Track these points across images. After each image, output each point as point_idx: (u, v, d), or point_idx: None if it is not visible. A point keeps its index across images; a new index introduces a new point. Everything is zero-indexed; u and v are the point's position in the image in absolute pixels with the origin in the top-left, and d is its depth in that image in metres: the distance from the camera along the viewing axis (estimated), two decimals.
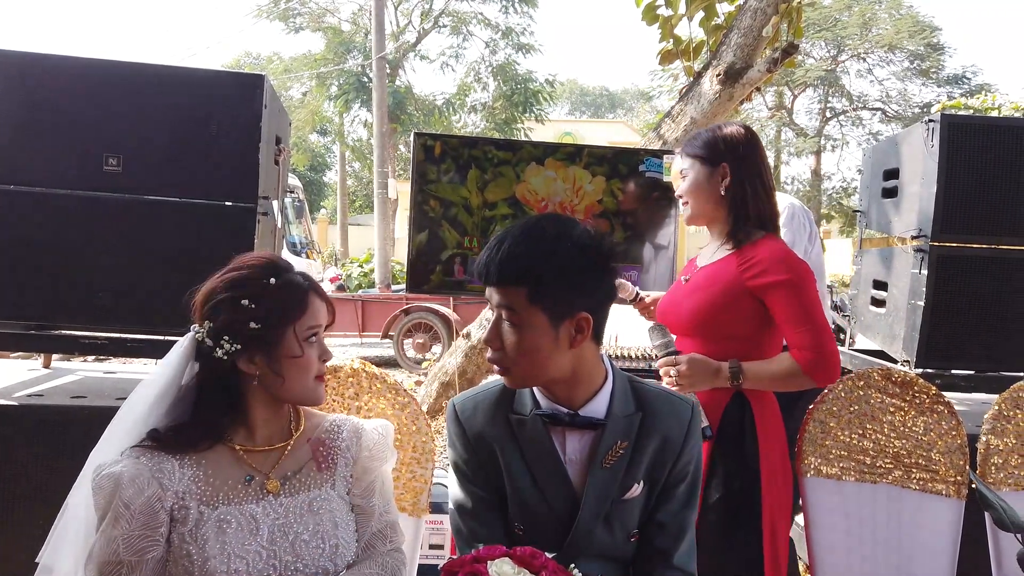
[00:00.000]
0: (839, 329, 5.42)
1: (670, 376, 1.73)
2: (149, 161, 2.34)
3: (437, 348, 8.44)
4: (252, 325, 1.19)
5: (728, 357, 1.72)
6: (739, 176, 1.78)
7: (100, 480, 1.14)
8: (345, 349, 10.27)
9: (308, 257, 13.52)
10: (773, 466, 1.73)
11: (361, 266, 13.80)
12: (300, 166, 23.98)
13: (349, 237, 24.37)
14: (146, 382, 1.26)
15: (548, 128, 21.36)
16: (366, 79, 18.90)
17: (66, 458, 2.03)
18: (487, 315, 5.57)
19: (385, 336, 8.85)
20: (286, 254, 12.35)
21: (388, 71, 17.71)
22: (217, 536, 1.15)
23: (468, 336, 5.54)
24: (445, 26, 20.59)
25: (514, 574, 0.90)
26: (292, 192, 13.42)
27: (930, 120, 2.55)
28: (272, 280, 1.23)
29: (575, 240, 1.22)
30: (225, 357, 1.20)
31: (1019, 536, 0.89)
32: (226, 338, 1.20)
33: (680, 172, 1.88)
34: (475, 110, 20.92)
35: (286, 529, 1.19)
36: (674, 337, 1.81)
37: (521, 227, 1.23)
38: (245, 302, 1.20)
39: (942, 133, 2.49)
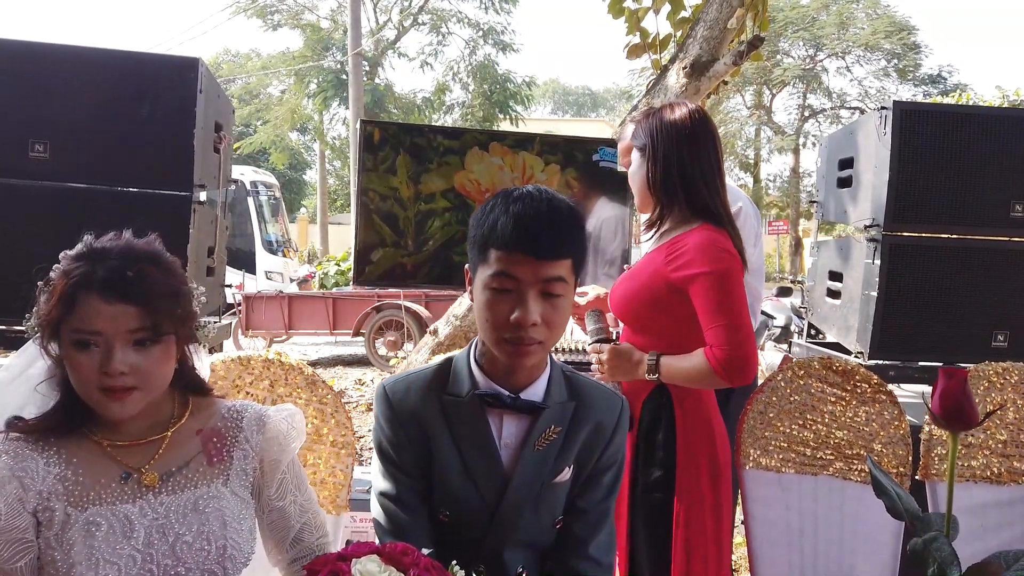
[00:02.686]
0: (802, 321, 5.40)
1: (595, 363, 1.71)
2: (78, 148, 2.27)
3: (409, 346, 8.35)
4: (32, 310, 1.09)
5: (654, 351, 1.67)
6: (666, 163, 1.68)
7: None
8: (318, 347, 10.17)
9: (285, 255, 13.37)
10: (695, 461, 1.66)
11: (338, 264, 13.63)
12: (280, 164, 23.70)
13: (330, 235, 24.18)
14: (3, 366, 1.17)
15: (530, 127, 21.25)
16: (345, 76, 18.75)
17: None
18: (456, 311, 5.50)
19: (356, 334, 8.73)
20: (262, 253, 12.27)
21: (367, 69, 17.57)
22: (85, 540, 1.04)
23: (435, 333, 5.45)
24: (424, 24, 20.48)
25: (379, 572, 0.83)
26: (268, 189, 13.28)
27: (883, 108, 2.51)
28: (56, 267, 1.08)
29: (577, 206, 1.24)
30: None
31: (911, 525, 0.83)
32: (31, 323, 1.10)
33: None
34: (452, 109, 20.83)
35: (165, 530, 1.09)
36: (605, 325, 1.77)
37: (542, 197, 1.18)
38: (40, 284, 1.09)
39: (895, 121, 2.45)
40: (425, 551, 0.91)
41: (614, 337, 1.85)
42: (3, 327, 2.29)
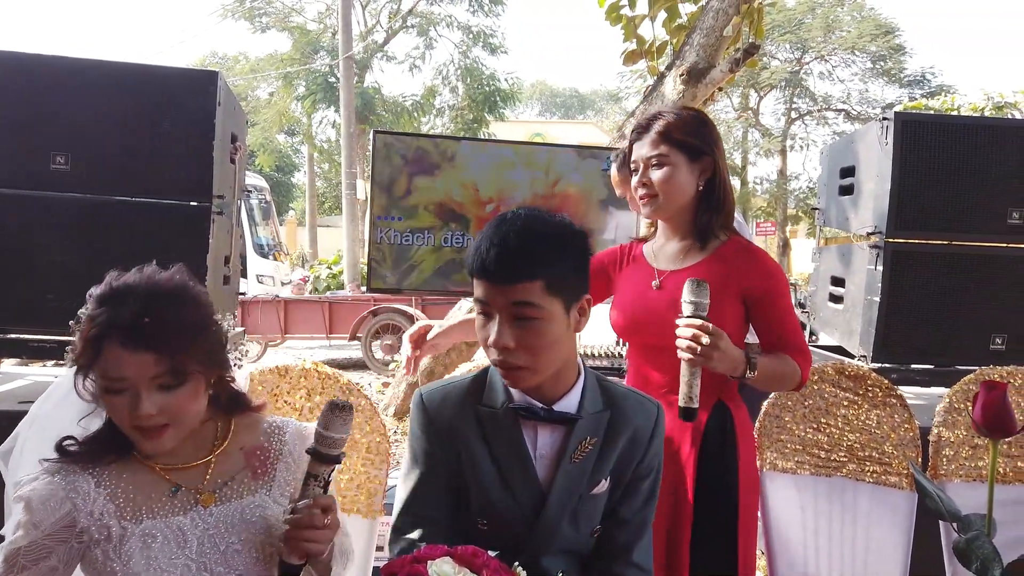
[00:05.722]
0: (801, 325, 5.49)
1: (690, 341, 1.41)
2: (99, 159, 2.29)
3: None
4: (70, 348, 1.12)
5: None
6: (720, 171, 1.65)
7: (13, 502, 1.10)
8: (313, 352, 10.16)
9: (276, 259, 13.32)
10: (750, 472, 1.66)
11: (330, 267, 13.64)
12: (267, 167, 23.61)
13: (318, 239, 24.13)
14: (49, 391, 1.21)
15: (518, 128, 21.31)
16: (333, 79, 18.74)
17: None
18: (455, 316, 5.53)
19: (353, 338, 8.76)
20: (253, 256, 12.24)
21: (356, 72, 17.58)
22: (142, 551, 1.09)
23: None
24: (413, 26, 20.48)
25: (454, 574, 0.88)
26: (259, 192, 13.24)
27: (884, 118, 2.58)
28: (84, 308, 1.09)
29: (569, 224, 1.24)
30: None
31: (955, 525, 0.89)
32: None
33: (651, 159, 1.63)
34: (442, 113, 20.84)
35: (217, 539, 1.14)
36: (708, 302, 1.45)
37: (517, 219, 1.19)
38: (72, 324, 1.11)
39: (896, 131, 2.52)
40: (492, 552, 0.96)
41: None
42: (29, 336, 2.31)
